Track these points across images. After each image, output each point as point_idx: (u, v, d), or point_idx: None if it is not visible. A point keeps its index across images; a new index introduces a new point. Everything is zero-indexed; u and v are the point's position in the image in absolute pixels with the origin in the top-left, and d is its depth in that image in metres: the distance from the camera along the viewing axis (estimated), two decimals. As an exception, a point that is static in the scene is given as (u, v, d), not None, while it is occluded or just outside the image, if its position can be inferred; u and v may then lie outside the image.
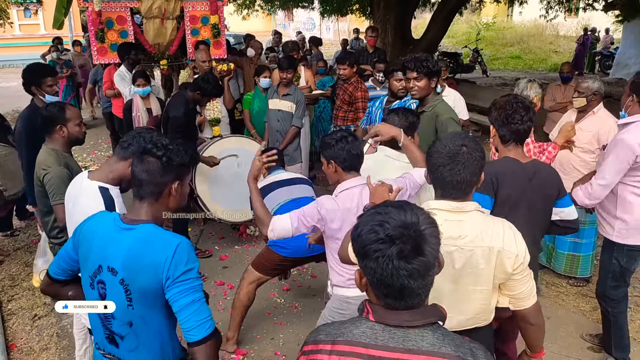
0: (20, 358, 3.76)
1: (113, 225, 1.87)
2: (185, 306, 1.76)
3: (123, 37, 6.79)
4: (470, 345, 1.37)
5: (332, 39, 29.21)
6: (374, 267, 1.33)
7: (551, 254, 4.81)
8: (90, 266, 1.87)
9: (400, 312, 1.36)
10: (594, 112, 4.29)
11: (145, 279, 1.77)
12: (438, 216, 1.92)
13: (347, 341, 1.36)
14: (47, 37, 18.02)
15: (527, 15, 24.89)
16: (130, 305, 1.81)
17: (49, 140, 3.22)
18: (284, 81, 5.62)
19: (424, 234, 1.33)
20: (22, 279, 4.85)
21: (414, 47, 10.78)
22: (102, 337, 1.95)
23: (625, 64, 16.25)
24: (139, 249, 1.79)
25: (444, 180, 1.97)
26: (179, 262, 1.77)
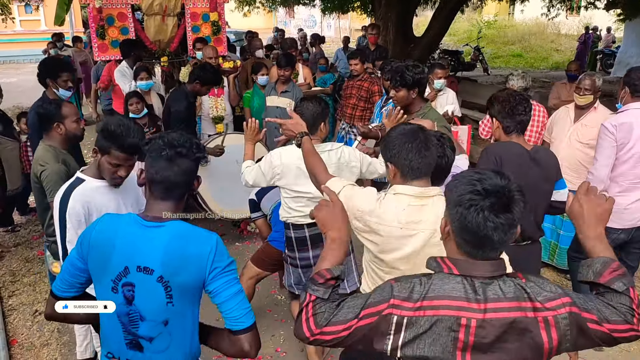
0: (21, 354, 3.77)
1: (136, 225, 1.82)
2: (232, 296, 1.80)
3: (124, 34, 6.79)
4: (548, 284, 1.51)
5: (333, 37, 29.19)
6: (464, 214, 1.46)
7: (554, 251, 4.80)
8: (112, 270, 1.80)
9: (482, 262, 1.49)
10: (595, 107, 4.31)
11: (187, 273, 1.77)
12: (402, 201, 2.02)
13: (439, 296, 1.46)
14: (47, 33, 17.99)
15: (528, 14, 24.85)
16: (170, 302, 1.79)
17: (46, 137, 3.22)
18: (282, 78, 5.62)
19: (514, 195, 1.46)
20: (22, 274, 4.86)
21: (416, 45, 10.77)
22: (121, 344, 1.88)
23: (626, 63, 16.17)
24: (178, 244, 1.78)
25: (413, 159, 2.04)
26: (223, 253, 1.82)
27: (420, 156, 2.04)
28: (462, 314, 1.42)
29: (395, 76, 3.53)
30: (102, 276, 1.83)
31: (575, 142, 4.39)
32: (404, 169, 2.06)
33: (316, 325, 1.52)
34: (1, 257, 5.20)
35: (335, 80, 8.06)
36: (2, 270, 4.96)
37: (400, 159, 2.05)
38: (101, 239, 1.83)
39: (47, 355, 3.73)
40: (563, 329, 1.43)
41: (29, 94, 4.04)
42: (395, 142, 2.08)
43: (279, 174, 3.09)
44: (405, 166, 2.05)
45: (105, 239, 1.82)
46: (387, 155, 2.11)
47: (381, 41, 10.23)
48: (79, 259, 1.87)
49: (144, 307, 1.81)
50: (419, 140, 2.05)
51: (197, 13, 7.13)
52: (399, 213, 2.02)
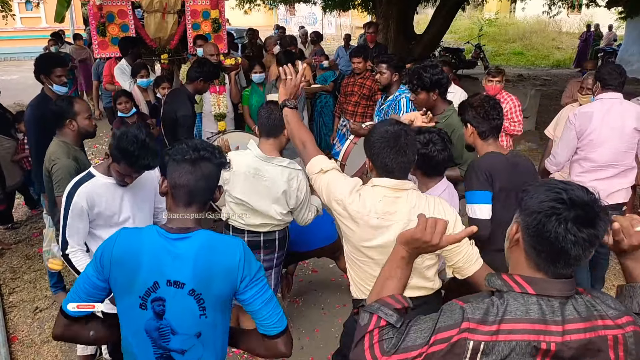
0: (21, 351, 3.77)
1: (160, 238, 1.76)
2: (266, 302, 1.80)
3: (124, 31, 6.79)
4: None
5: (334, 34, 29.17)
6: (544, 222, 1.34)
7: None
8: (140, 286, 1.74)
9: (560, 281, 1.38)
10: None
11: (219, 284, 1.76)
12: (379, 192, 2.10)
13: (517, 319, 1.34)
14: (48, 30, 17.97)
15: (529, 11, 24.83)
16: (204, 315, 1.77)
17: (59, 133, 3.29)
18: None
19: (599, 212, 1.35)
20: (23, 271, 4.86)
21: (416, 43, 10.75)
22: (151, 359, 1.84)
23: (627, 61, 16.18)
24: (207, 256, 1.75)
25: (389, 162, 2.11)
26: (251, 261, 1.80)
27: (396, 160, 2.11)
28: (541, 338, 1.33)
29: (412, 79, 3.50)
30: (128, 293, 1.77)
31: None
32: (379, 168, 2.15)
33: (382, 353, 1.38)
34: (2, 254, 5.21)
35: (336, 77, 8.05)
36: (3, 267, 4.96)
37: (378, 159, 2.14)
38: (124, 254, 1.76)
39: (47, 352, 3.74)
40: (629, 348, 1.35)
41: (30, 91, 4.04)
42: (375, 143, 2.14)
43: (227, 179, 3.10)
44: (381, 166, 2.14)
45: (129, 255, 1.76)
46: (368, 153, 2.19)
47: (382, 39, 10.22)
48: (98, 277, 1.79)
49: (176, 321, 1.78)
50: (398, 145, 2.11)
51: (198, 10, 7.12)
52: (376, 204, 2.09)
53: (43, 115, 3.96)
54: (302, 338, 3.89)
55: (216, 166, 1.84)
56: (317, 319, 4.13)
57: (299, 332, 3.93)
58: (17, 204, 6.25)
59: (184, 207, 1.80)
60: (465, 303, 1.40)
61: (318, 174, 2.25)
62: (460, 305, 1.40)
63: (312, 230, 3.63)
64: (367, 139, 2.20)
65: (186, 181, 1.77)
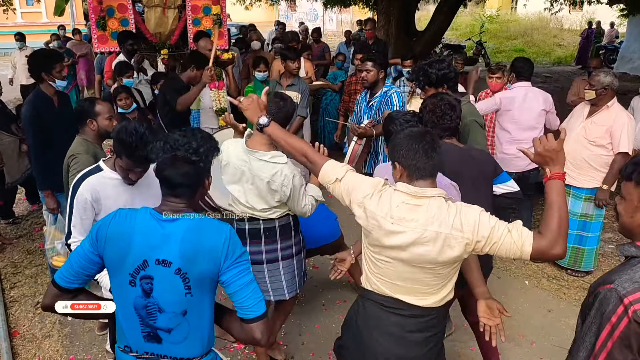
0: (22, 345, 3.77)
1: (152, 219, 1.86)
2: (245, 285, 1.86)
3: (124, 26, 6.76)
4: None
5: (335, 30, 29.11)
6: None
7: None
8: (130, 263, 1.83)
9: None
10: (607, 106, 4.28)
11: (204, 264, 1.82)
12: (398, 197, 2.06)
13: None
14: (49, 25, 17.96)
15: (531, 8, 24.76)
16: (189, 293, 1.83)
17: (81, 131, 3.39)
18: (294, 71, 5.61)
19: None
20: (24, 266, 4.87)
21: (418, 39, 10.73)
22: (139, 337, 1.91)
23: (629, 58, 16.17)
24: (194, 236, 1.83)
25: (421, 163, 2.06)
26: (236, 244, 1.88)
27: (426, 157, 2.06)
28: None
29: (418, 77, 3.49)
30: (119, 270, 1.86)
31: (582, 139, 4.38)
32: (410, 169, 2.08)
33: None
34: (3, 249, 5.21)
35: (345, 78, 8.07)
36: (4, 262, 4.96)
37: (407, 160, 2.08)
38: (118, 232, 1.85)
39: (48, 347, 3.74)
40: None
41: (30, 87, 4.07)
42: (402, 143, 2.10)
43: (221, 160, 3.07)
44: (411, 166, 2.08)
45: (122, 233, 1.85)
46: (395, 156, 2.13)
47: (383, 35, 10.19)
48: (93, 252, 1.88)
49: (163, 299, 1.85)
50: (425, 142, 2.08)
51: (198, 6, 7.09)
52: (393, 208, 2.06)
53: (40, 112, 3.97)
54: (303, 334, 3.89)
55: (191, 165, 1.88)
56: (318, 314, 4.13)
57: (300, 328, 3.93)
58: (18, 199, 6.26)
59: (173, 197, 1.90)
60: (611, 284, 1.58)
61: (335, 183, 2.21)
62: (607, 288, 1.59)
63: (316, 227, 3.62)
64: (392, 142, 2.17)
65: (164, 177, 1.88)
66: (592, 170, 4.37)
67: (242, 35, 11.05)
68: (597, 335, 1.60)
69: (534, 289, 4.57)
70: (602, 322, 1.57)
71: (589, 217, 4.51)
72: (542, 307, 4.29)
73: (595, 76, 4.31)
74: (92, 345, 3.72)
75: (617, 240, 5.40)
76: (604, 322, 1.57)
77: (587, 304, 1.70)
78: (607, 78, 4.23)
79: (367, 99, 4.78)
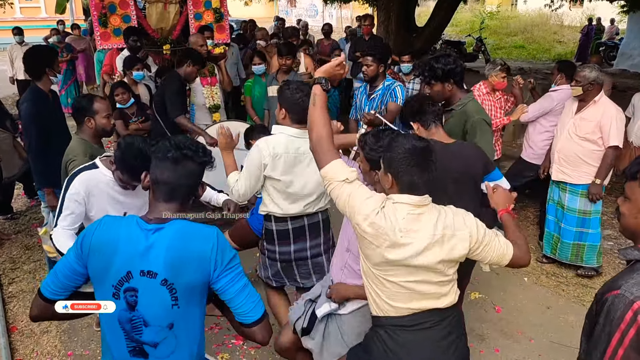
0: (21, 341, 3.77)
1: (137, 229, 1.77)
2: (239, 291, 1.80)
3: (126, 22, 6.73)
4: None
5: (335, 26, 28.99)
6: None
7: (556, 244, 4.77)
8: (113, 275, 1.75)
9: None
10: (594, 101, 4.30)
11: (191, 273, 1.75)
12: (401, 209, 2.01)
13: None
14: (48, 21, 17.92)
15: (531, 5, 24.74)
16: (176, 305, 1.76)
17: (79, 130, 3.37)
18: (283, 68, 5.59)
19: None
20: (22, 261, 4.86)
21: (418, 36, 10.70)
22: (124, 352, 1.82)
23: (629, 55, 16.14)
24: (179, 245, 1.75)
25: (417, 179, 2.03)
26: (224, 249, 1.79)
27: (423, 177, 2.04)
28: None
29: (424, 71, 3.44)
30: (103, 281, 1.78)
31: (573, 135, 4.41)
32: (404, 185, 2.05)
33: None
34: (1, 245, 5.20)
35: None
36: (2, 258, 4.96)
37: (403, 176, 2.04)
38: (102, 242, 1.77)
39: (47, 343, 3.74)
40: None
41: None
42: (401, 160, 2.04)
43: (267, 164, 2.89)
44: (406, 183, 2.04)
45: (106, 243, 1.76)
46: (391, 170, 2.07)
47: (383, 31, 10.18)
48: (78, 262, 1.80)
49: (148, 312, 1.77)
50: (425, 161, 2.04)
51: (200, 0, 7.07)
52: (399, 221, 2.01)
53: (39, 110, 3.96)
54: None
55: (198, 165, 1.84)
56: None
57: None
58: (16, 195, 6.25)
59: (164, 203, 1.81)
60: (618, 290, 1.53)
61: (342, 182, 2.11)
62: (613, 294, 1.53)
63: None
64: (389, 156, 2.08)
65: (167, 178, 1.79)
66: (586, 166, 4.38)
67: (242, 31, 10.98)
68: (607, 343, 1.55)
69: (532, 286, 4.57)
70: (611, 329, 1.52)
71: (587, 214, 4.51)
72: (541, 304, 4.29)
73: (580, 72, 4.33)
74: (90, 341, 3.72)
75: (617, 237, 5.40)
76: (614, 330, 1.51)
77: (594, 313, 1.65)
78: (593, 73, 4.25)
79: (367, 92, 4.80)
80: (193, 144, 1.85)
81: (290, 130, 2.92)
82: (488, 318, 4.05)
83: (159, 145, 1.83)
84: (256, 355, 3.59)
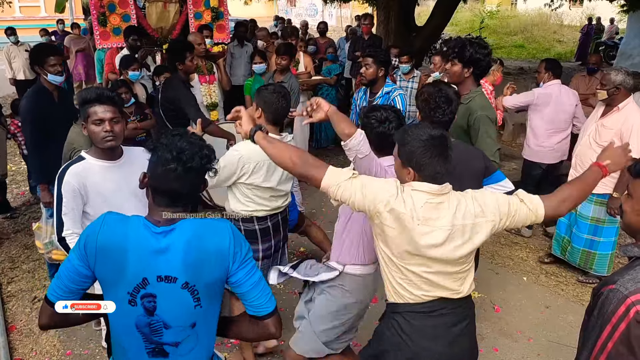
0: (19, 340, 3.77)
1: (146, 232, 1.69)
2: (255, 284, 1.79)
3: (125, 21, 6.72)
4: None
5: (335, 26, 29.03)
6: None
7: (566, 247, 4.71)
8: (128, 281, 1.68)
9: None
10: (618, 108, 4.14)
11: (212, 271, 1.73)
12: (420, 197, 2.00)
13: None
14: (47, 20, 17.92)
15: (531, 4, 24.74)
16: (199, 305, 1.74)
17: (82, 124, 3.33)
18: (279, 67, 5.59)
19: None
20: (21, 261, 4.86)
21: (417, 35, 10.69)
22: (142, 354, 1.78)
23: (629, 55, 16.10)
24: (197, 245, 1.70)
25: (440, 169, 2.02)
26: (240, 241, 1.78)
27: (445, 166, 2.03)
28: None
29: (454, 48, 3.37)
30: (115, 288, 1.71)
31: (593, 142, 4.26)
32: (426, 176, 2.02)
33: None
34: (0, 244, 5.20)
35: (340, 71, 8.02)
36: (1, 257, 4.95)
37: (426, 168, 2.01)
38: (109, 246, 1.68)
39: (45, 342, 3.73)
40: None
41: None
42: (421, 151, 2.01)
43: (246, 173, 2.99)
44: (429, 173, 2.02)
45: (114, 245, 1.68)
46: (412, 164, 2.04)
47: (382, 30, 10.17)
48: (83, 265, 1.71)
49: (169, 315, 1.73)
50: (446, 150, 2.03)
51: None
52: (417, 209, 1.99)
53: (39, 106, 3.95)
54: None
55: (203, 172, 1.77)
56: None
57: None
58: (15, 194, 6.25)
59: (165, 207, 1.74)
60: (613, 284, 1.55)
61: (349, 180, 2.08)
62: (609, 288, 1.56)
63: None
64: (408, 150, 2.04)
65: (167, 189, 1.72)
66: None
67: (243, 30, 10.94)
68: (598, 336, 1.57)
69: (532, 285, 4.57)
70: (603, 322, 1.55)
71: (600, 222, 4.39)
72: (540, 304, 4.29)
73: (606, 75, 4.19)
74: (89, 340, 3.72)
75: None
76: (605, 323, 1.54)
77: (591, 306, 1.68)
78: (619, 77, 4.08)
79: (367, 97, 4.72)
80: (196, 151, 1.72)
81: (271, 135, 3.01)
82: (487, 317, 4.04)
83: (160, 155, 1.70)
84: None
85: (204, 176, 1.80)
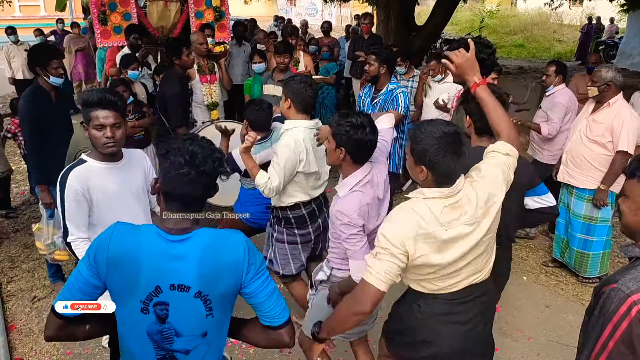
0: (19, 339, 3.77)
1: (159, 240, 1.68)
2: (269, 295, 1.79)
3: (126, 20, 6.72)
4: None
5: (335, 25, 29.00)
6: None
7: (565, 249, 4.71)
8: (141, 290, 1.67)
9: None
10: (609, 103, 4.18)
11: (226, 282, 1.72)
12: (436, 204, 1.99)
13: None
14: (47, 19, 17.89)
15: (531, 3, 24.75)
16: (210, 315, 1.74)
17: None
18: (280, 66, 5.59)
19: None
20: (21, 260, 4.86)
21: (417, 34, 10.68)
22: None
23: (629, 54, 16.15)
24: (212, 256, 1.70)
25: (454, 166, 1.99)
26: (254, 253, 1.78)
27: (457, 163, 2.00)
28: None
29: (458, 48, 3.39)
30: (128, 297, 1.70)
31: (583, 137, 4.30)
32: (439, 174, 2.00)
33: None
34: (0, 243, 5.20)
35: (338, 70, 8.01)
36: (1, 256, 4.95)
37: (439, 166, 1.98)
38: (122, 256, 1.67)
39: (45, 342, 3.73)
40: None
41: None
42: (435, 148, 1.97)
43: (302, 159, 3.12)
44: (443, 172, 1.99)
45: (126, 256, 1.67)
46: (425, 162, 2.00)
47: (382, 30, 10.16)
48: (93, 276, 1.70)
49: (181, 324, 1.73)
50: (459, 146, 2.00)
51: (201, -2, 7.07)
52: (439, 217, 1.98)
53: (37, 106, 3.94)
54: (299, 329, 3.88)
55: (215, 175, 1.74)
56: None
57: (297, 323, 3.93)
58: (15, 193, 6.25)
59: (178, 212, 1.73)
60: (614, 284, 1.56)
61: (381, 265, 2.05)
62: (610, 287, 1.56)
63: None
64: (421, 148, 2.00)
65: (180, 194, 1.70)
66: (594, 170, 4.26)
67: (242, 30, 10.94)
68: (599, 335, 1.57)
69: (531, 285, 4.57)
70: (604, 321, 1.55)
71: (593, 220, 4.39)
72: (540, 303, 4.29)
73: (597, 72, 4.23)
74: (89, 340, 3.71)
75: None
76: (606, 322, 1.54)
77: (592, 305, 1.68)
78: (609, 74, 4.15)
79: (371, 94, 4.75)
80: (207, 153, 1.70)
81: (305, 123, 3.17)
82: (487, 317, 4.04)
83: (172, 160, 1.67)
84: (255, 355, 3.59)
85: (216, 180, 1.78)
